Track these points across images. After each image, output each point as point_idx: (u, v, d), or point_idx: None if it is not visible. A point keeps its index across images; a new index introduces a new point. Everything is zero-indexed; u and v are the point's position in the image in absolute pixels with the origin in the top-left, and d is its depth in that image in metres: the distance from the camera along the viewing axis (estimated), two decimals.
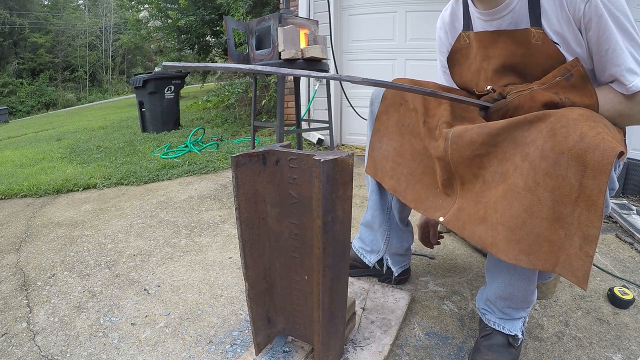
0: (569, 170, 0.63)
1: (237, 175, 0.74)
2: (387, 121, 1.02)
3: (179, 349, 0.96)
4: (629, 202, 1.93)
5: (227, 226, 1.73)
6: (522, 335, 0.90)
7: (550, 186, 0.65)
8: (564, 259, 0.64)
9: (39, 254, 1.53)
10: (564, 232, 0.65)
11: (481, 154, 0.78)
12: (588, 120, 0.65)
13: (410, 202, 0.94)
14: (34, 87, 20.38)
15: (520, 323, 0.90)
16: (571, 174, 0.62)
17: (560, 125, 0.65)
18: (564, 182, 0.63)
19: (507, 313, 0.89)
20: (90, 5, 26.39)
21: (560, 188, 0.64)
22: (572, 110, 0.70)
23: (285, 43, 1.87)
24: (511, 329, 0.88)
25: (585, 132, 0.62)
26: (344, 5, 3.27)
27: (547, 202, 0.65)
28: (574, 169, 0.62)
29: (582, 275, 0.63)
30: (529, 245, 0.67)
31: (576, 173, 0.62)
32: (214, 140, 3.55)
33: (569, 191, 0.63)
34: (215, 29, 6.11)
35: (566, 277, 0.64)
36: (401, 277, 1.20)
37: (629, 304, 1.10)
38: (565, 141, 0.63)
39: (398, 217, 1.12)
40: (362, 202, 2.01)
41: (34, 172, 2.87)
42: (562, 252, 0.65)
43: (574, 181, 0.62)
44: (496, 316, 0.90)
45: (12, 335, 1.04)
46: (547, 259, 0.66)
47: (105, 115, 7.90)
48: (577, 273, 0.63)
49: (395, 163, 0.99)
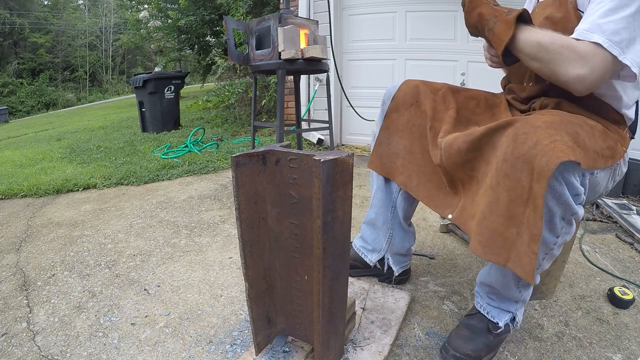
0: (522, 174, 0.68)
1: (237, 175, 0.74)
2: (397, 119, 1.04)
3: (179, 349, 0.96)
4: (629, 202, 1.93)
5: (227, 226, 1.73)
6: (504, 327, 0.90)
7: (508, 186, 0.70)
8: (515, 255, 0.70)
9: (39, 254, 1.53)
10: (516, 229, 0.71)
11: (470, 159, 0.84)
12: (549, 128, 0.69)
13: (422, 198, 0.99)
14: (34, 87, 20.39)
15: (506, 316, 0.91)
16: (524, 177, 0.68)
17: (522, 132, 0.70)
18: (518, 184, 0.68)
19: (493, 300, 0.92)
20: (90, 5, 26.40)
21: (515, 189, 0.69)
22: (540, 118, 0.74)
23: (285, 43, 1.87)
24: (495, 317, 0.91)
25: (541, 140, 0.67)
26: (344, 5, 3.27)
27: (504, 200, 0.71)
28: (525, 172, 0.67)
29: (530, 270, 0.68)
30: (486, 239, 0.73)
31: (527, 176, 0.67)
32: (214, 140, 3.55)
33: (521, 192, 0.68)
34: (215, 29, 6.11)
35: (516, 272, 0.70)
36: (401, 277, 1.20)
37: (629, 304, 1.10)
38: (522, 146, 0.68)
39: (402, 216, 1.13)
40: (362, 202, 2.01)
41: (34, 172, 2.87)
42: (513, 249, 0.70)
43: (526, 184, 0.68)
44: (484, 301, 0.94)
45: (12, 335, 1.04)
46: (499, 254, 0.71)
47: (105, 115, 7.90)
48: (526, 268, 0.69)
49: (405, 160, 1.03)
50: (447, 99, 1.00)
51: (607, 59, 0.72)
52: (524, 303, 0.92)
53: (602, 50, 0.72)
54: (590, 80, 0.73)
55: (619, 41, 0.71)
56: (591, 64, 0.72)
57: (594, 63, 0.72)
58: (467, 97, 1.03)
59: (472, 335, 0.89)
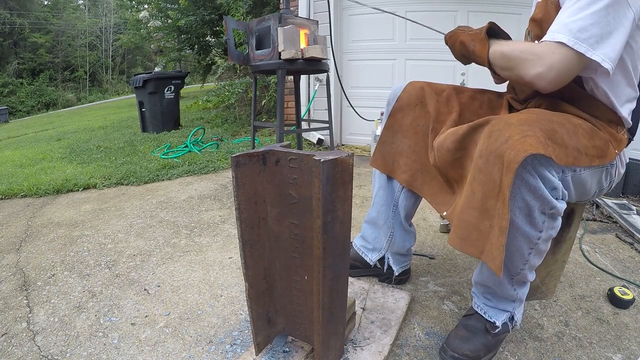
0: (494, 168, 0.70)
1: (237, 175, 0.74)
2: (402, 119, 1.06)
3: (179, 349, 0.96)
4: (629, 202, 1.93)
5: (227, 226, 1.73)
6: (502, 327, 0.90)
7: (482, 181, 0.72)
8: (488, 248, 0.71)
9: (39, 254, 1.53)
10: (489, 222, 0.73)
11: (458, 157, 0.86)
12: (523, 125, 0.71)
13: (427, 196, 1.02)
14: (34, 87, 20.38)
15: (503, 315, 0.91)
16: (495, 171, 0.69)
17: (496, 129, 0.72)
18: (490, 178, 0.70)
19: (489, 300, 0.92)
20: (90, 5, 26.40)
21: (488, 183, 0.71)
22: (516, 115, 0.75)
23: (285, 43, 1.87)
24: (492, 316, 0.91)
25: (512, 136, 0.69)
26: (344, 5, 3.27)
27: (478, 194, 0.73)
28: (497, 166, 0.69)
29: (499, 263, 0.70)
30: (463, 231, 0.76)
31: (498, 171, 0.69)
32: (214, 140, 3.55)
33: (493, 186, 0.70)
34: (215, 29, 6.11)
35: (489, 264, 0.71)
36: (401, 277, 1.21)
37: (629, 304, 1.10)
38: (495, 142, 0.70)
39: (403, 216, 1.13)
40: (362, 202, 2.01)
41: (34, 172, 2.87)
42: (487, 242, 0.72)
43: (497, 178, 0.69)
44: (481, 301, 0.94)
45: (12, 335, 1.04)
46: (475, 246, 0.73)
47: (105, 115, 7.90)
48: (496, 261, 0.70)
49: (410, 159, 1.04)
50: (450, 101, 1.02)
51: (569, 56, 0.72)
52: (521, 302, 0.92)
53: (563, 48, 0.72)
54: (550, 77, 0.74)
55: (586, 38, 0.71)
56: (549, 61, 0.73)
57: (552, 60, 0.73)
58: (471, 98, 1.04)
59: (469, 336, 0.89)
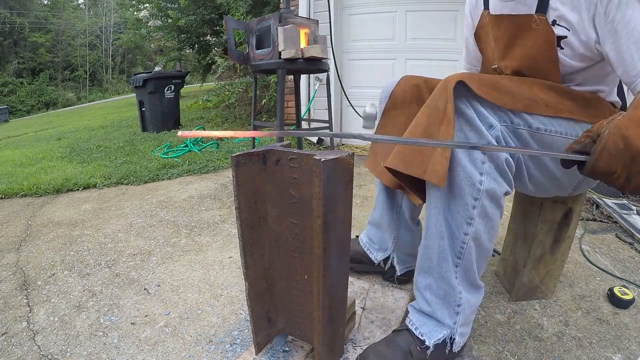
0: (439, 100, 0.75)
1: (237, 175, 0.74)
2: (395, 118, 1.03)
3: (179, 348, 0.96)
4: (629, 202, 1.93)
5: (227, 226, 1.73)
6: (434, 349, 0.79)
7: (427, 113, 0.77)
8: (431, 167, 0.74)
9: (39, 253, 1.53)
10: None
11: None
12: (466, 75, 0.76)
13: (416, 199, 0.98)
14: (34, 86, 20.39)
15: (441, 332, 0.80)
16: (440, 103, 0.75)
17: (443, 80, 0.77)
18: (436, 109, 0.75)
19: (428, 304, 0.82)
20: (90, 5, 26.39)
21: (432, 113, 0.76)
22: None
23: (285, 42, 1.87)
24: (424, 333, 0.80)
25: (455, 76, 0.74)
26: (344, 5, 3.27)
27: (422, 124, 0.78)
28: (442, 99, 0.74)
29: (442, 174, 0.72)
30: (407, 156, 0.78)
31: (443, 101, 0.74)
32: (214, 139, 3.55)
33: (437, 114, 0.75)
34: (216, 29, 6.10)
35: (432, 180, 0.73)
36: (404, 277, 1.20)
37: (629, 304, 1.10)
38: (441, 83, 0.76)
39: (409, 216, 1.12)
40: (362, 202, 2.01)
41: (34, 171, 2.87)
42: (429, 162, 0.74)
43: (442, 106, 0.74)
44: (418, 306, 0.85)
45: (12, 334, 1.04)
46: (419, 167, 0.75)
47: (105, 114, 7.90)
48: (439, 174, 0.72)
49: None
50: None
51: None
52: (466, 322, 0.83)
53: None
54: None
55: None
56: None
57: None
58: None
59: (387, 354, 0.78)
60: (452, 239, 0.78)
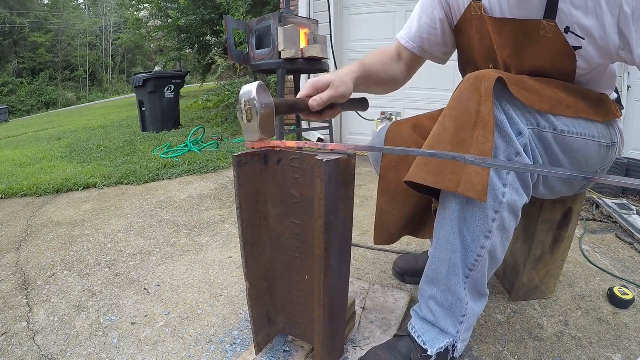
0: (469, 102, 0.68)
1: (238, 175, 0.74)
2: (396, 177, 0.92)
3: (179, 348, 0.96)
4: (629, 202, 1.93)
5: (227, 226, 1.73)
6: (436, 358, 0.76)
7: (454, 116, 0.70)
8: (465, 179, 0.67)
9: (39, 253, 1.53)
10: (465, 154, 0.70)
11: None
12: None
13: None
14: (34, 86, 20.39)
15: (443, 341, 0.77)
16: (471, 104, 0.68)
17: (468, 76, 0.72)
18: (465, 112, 0.69)
19: (431, 313, 0.79)
20: (90, 5, 26.39)
21: (462, 116, 0.69)
22: None
23: (285, 42, 1.87)
24: (427, 342, 0.77)
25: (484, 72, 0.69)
26: (344, 5, 3.27)
27: (450, 129, 0.70)
28: (474, 99, 0.68)
29: (482, 189, 0.65)
30: (435, 168, 0.70)
31: (475, 103, 0.68)
32: (214, 139, 3.55)
33: (469, 118, 0.68)
34: (216, 29, 6.12)
35: (468, 194, 0.66)
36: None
37: (629, 304, 1.10)
38: (467, 80, 0.70)
39: None
40: (362, 202, 2.01)
41: (34, 171, 2.87)
42: (463, 173, 0.67)
43: (473, 110, 0.68)
44: (421, 314, 0.82)
45: (12, 334, 1.04)
46: (450, 180, 0.68)
47: (105, 114, 7.89)
48: (477, 188, 0.66)
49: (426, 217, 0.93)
50: None
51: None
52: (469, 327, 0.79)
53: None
54: None
55: None
56: None
57: None
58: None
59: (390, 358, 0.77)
60: (466, 252, 0.73)
